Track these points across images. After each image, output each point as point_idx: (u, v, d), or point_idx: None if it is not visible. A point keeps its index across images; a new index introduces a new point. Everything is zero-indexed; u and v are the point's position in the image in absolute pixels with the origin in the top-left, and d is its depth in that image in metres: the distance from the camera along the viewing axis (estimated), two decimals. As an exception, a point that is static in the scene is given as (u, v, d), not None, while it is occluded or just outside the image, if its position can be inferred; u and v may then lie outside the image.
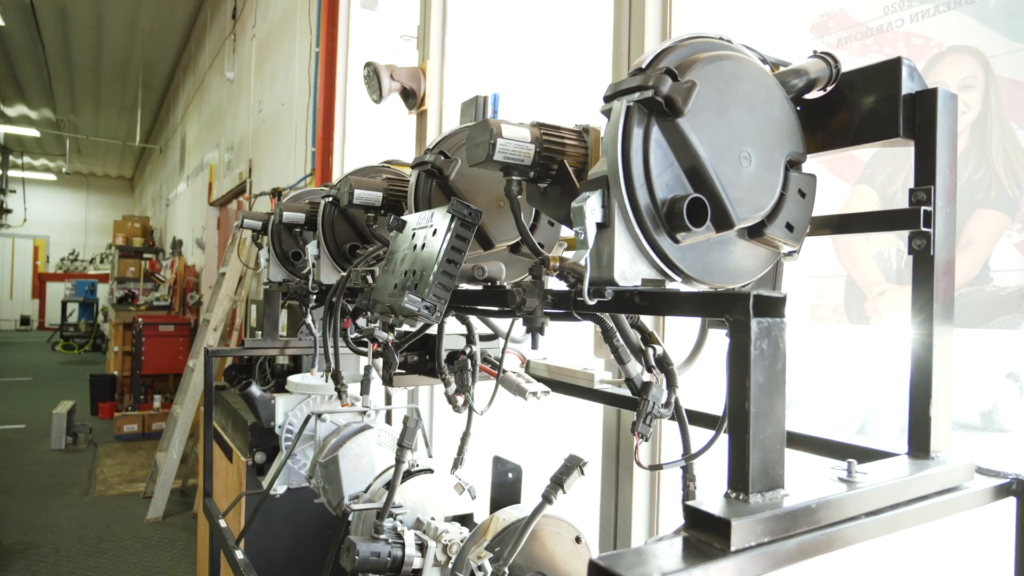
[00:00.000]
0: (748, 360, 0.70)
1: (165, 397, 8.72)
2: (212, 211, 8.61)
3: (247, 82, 6.61)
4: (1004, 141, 1.07)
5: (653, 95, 0.79)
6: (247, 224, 2.57)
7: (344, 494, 2.20)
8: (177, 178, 12.64)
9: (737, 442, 0.71)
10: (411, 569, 1.56)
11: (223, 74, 7.72)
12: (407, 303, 1.00)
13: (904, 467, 0.88)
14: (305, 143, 4.53)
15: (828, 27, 1.32)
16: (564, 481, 1.22)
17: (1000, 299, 1.07)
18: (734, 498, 0.71)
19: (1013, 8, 1.06)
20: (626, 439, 1.76)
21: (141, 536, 4.90)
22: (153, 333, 8.93)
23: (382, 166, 1.99)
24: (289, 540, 2.85)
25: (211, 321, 5.50)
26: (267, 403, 2.48)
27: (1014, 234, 1.06)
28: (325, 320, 1.78)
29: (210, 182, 8.63)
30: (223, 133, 7.94)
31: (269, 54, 5.79)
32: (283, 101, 5.23)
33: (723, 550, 0.65)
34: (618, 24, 1.84)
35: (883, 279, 1.23)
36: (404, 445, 1.60)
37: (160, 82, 13.60)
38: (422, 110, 2.95)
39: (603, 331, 0.99)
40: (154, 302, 11.17)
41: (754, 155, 0.88)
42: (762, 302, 0.71)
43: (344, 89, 4.18)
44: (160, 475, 5.31)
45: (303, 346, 2.75)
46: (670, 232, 0.83)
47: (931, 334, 0.91)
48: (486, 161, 0.98)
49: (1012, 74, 1.07)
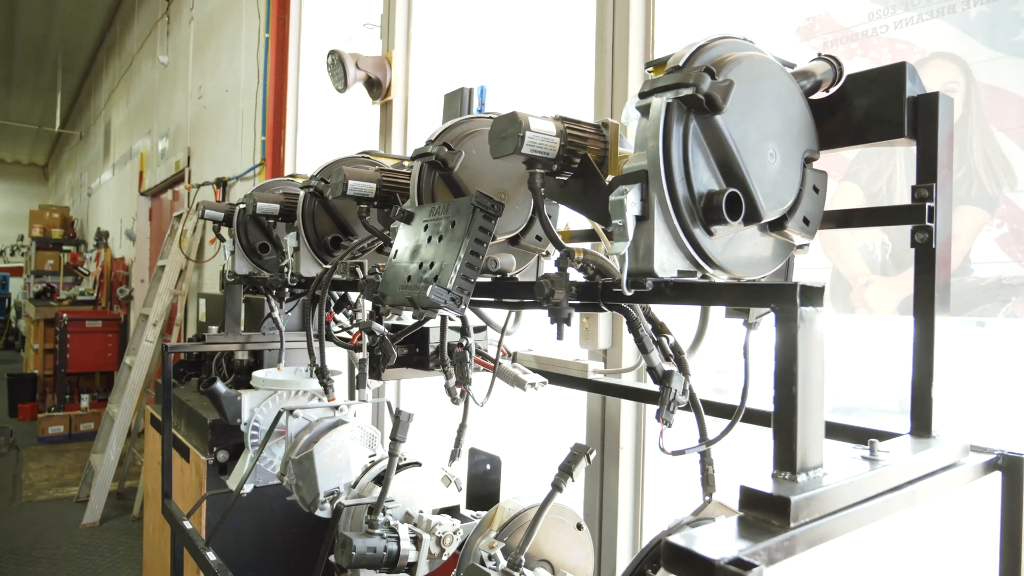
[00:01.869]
0: (795, 347, 0.74)
1: (94, 396, 8.28)
2: (143, 201, 8.20)
3: (184, 67, 6.32)
4: (984, 143, 1.15)
5: (695, 92, 0.82)
6: (208, 215, 2.47)
7: (319, 491, 2.16)
8: (101, 166, 11.96)
9: (785, 425, 0.75)
10: (406, 563, 1.56)
11: (155, 58, 7.35)
12: (432, 295, 1.00)
13: (913, 446, 0.94)
14: (254, 132, 4.38)
15: (814, 30, 1.39)
16: (573, 469, 1.24)
17: (980, 289, 1.15)
18: (784, 478, 0.74)
19: (992, 19, 1.14)
20: (611, 427, 1.80)
21: (78, 542, 4.65)
22: (79, 329, 8.45)
23: (361, 157, 1.96)
24: (252, 539, 2.77)
25: (150, 316, 5.26)
26: (233, 400, 2.41)
27: (993, 229, 1.15)
28: (308, 313, 1.74)
29: (141, 171, 8.21)
30: (156, 120, 7.57)
31: (210, 38, 5.55)
32: (227, 88, 5.03)
33: (782, 527, 0.68)
34: (601, 20, 1.87)
35: (868, 271, 1.31)
36: (397, 439, 1.59)
37: (81, 64, 12.81)
38: (387, 100, 2.91)
39: (628, 321, 1.01)
40: (78, 297, 10.56)
41: (778, 151, 0.92)
42: (807, 292, 0.75)
43: (296, 77, 4.06)
44: (96, 478, 5.05)
45: (268, 341, 2.67)
46: (705, 225, 0.86)
47: (932, 321, 0.98)
48: (513, 153, 0.98)
49: (992, 80, 1.15)
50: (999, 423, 1.23)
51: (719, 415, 1.21)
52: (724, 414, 1.21)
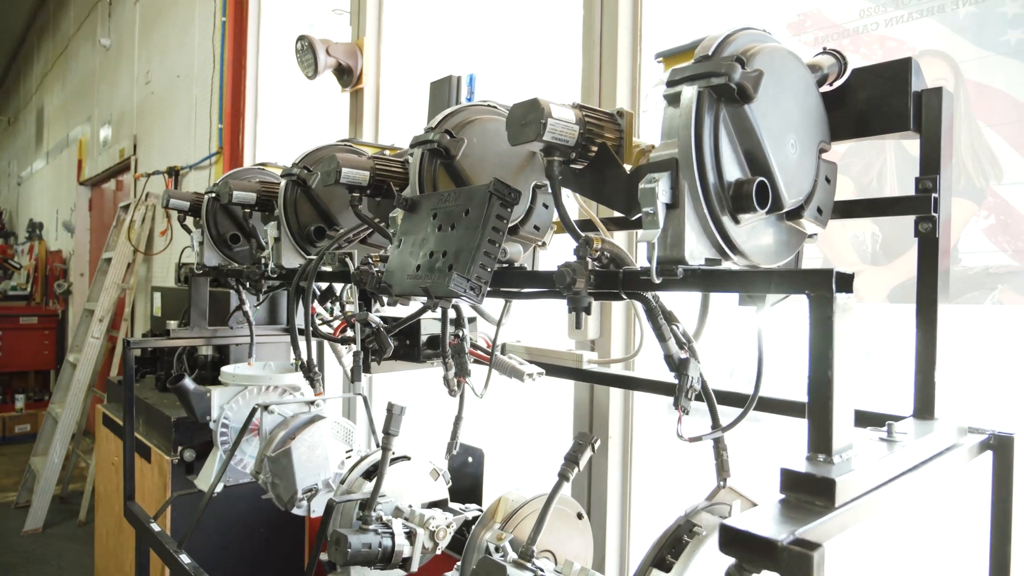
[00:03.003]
0: (831, 332, 0.76)
1: (29, 396, 7.86)
2: (83, 191, 7.81)
3: (129, 50, 6.04)
4: (972, 138, 1.21)
5: (727, 81, 0.82)
6: (173, 204, 2.37)
7: (297, 488, 2.10)
8: (33, 154, 11.32)
9: (821, 409, 0.77)
10: (401, 558, 1.53)
11: (95, 40, 7.00)
12: (453, 285, 0.98)
13: (920, 428, 0.98)
14: (209, 119, 4.22)
15: (805, 26, 1.43)
16: (579, 458, 1.24)
17: (967, 278, 1.21)
18: (821, 460, 0.76)
19: (980, 19, 1.20)
20: (600, 417, 1.82)
21: (20, 550, 4.41)
22: (12, 326, 8.00)
23: (343, 144, 1.91)
24: (221, 540, 2.69)
25: (96, 311, 5.02)
26: (202, 397, 2.33)
27: (981, 220, 1.20)
28: (292, 306, 1.69)
29: (80, 159, 7.82)
30: (97, 106, 7.21)
31: (159, 21, 5.32)
32: (179, 73, 4.83)
33: (826, 507, 0.70)
34: (589, 11, 1.87)
35: (858, 260, 1.35)
36: (390, 432, 1.56)
37: (8, 46, 12.08)
38: (358, 88, 2.85)
39: (648, 309, 1.02)
40: (9, 291, 9.99)
41: (798, 142, 0.94)
42: (842, 278, 0.77)
43: (256, 62, 3.94)
44: (39, 482, 4.81)
45: (237, 335, 2.58)
46: (733, 213, 0.87)
47: (935, 308, 1.02)
48: (534, 140, 0.97)
49: (979, 78, 1.20)
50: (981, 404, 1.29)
51: (723, 403, 1.23)
52: (727, 402, 1.23)
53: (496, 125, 1.38)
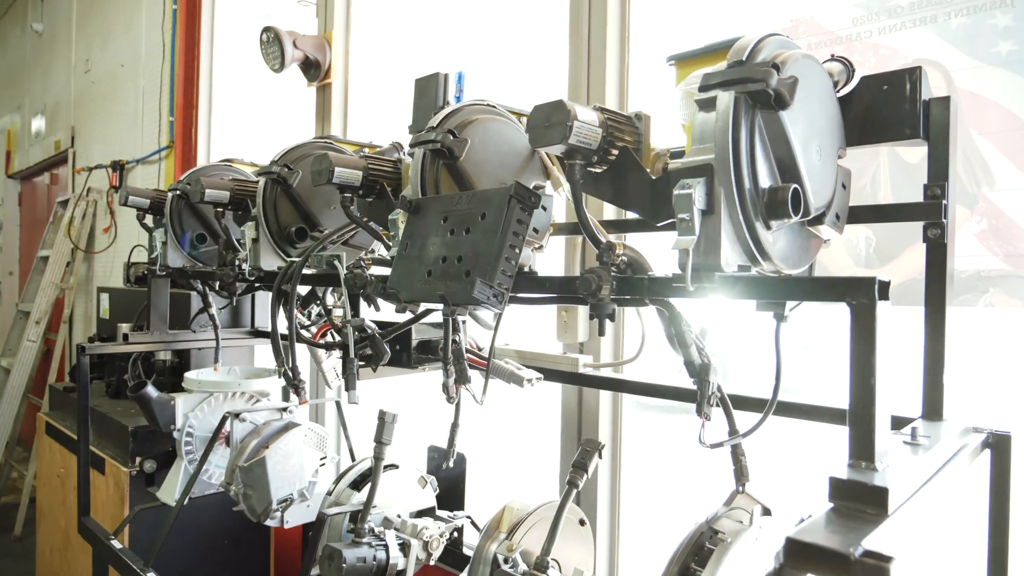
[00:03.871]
0: (874, 340, 0.76)
1: (-48, 405, 7.35)
2: (12, 184, 7.35)
3: (65, 37, 5.71)
4: (964, 145, 1.25)
5: (764, 87, 0.82)
6: (133, 201, 2.25)
7: (272, 498, 2.03)
8: (-47, 144, 10.60)
9: (864, 416, 0.77)
10: (395, 571, 1.49)
11: (26, 25, 6.60)
12: (477, 292, 0.95)
13: (933, 429, 1.00)
14: (159, 111, 4.03)
15: (798, 32, 1.45)
16: (588, 464, 1.23)
17: (960, 281, 1.25)
18: (864, 467, 0.76)
19: (972, 30, 1.24)
20: (589, 421, 1.81)
21: (-51, 570, 4.12)
22: (-68, 329, 7.46)
23: (323, 142, 1.84)
24: (184, 555, 2.56)
25: (32, 313, 4.73)
26: (166, 405, 2.21)
27: (973, 224, 1.24)
28: (275, 309, 1.62)
29: (8, 150, 7.36)
30: (28, 94, 6.80)
31: (99, 7, 5.04)
32: (123, 62, 4.59)
33: (879, 515, 0.70)
34: (576, 11, 1.85)
35: (852, 264, 1.38)
36: (383, 441, 1.52)
37: (-76, 27, 11.27)
38: (325, 83, 2.76)
39: (670, 316, 1.01)
40: (-73, 292, 9.31)
41: (822, 148, 0.95)
42: (883, 287, 0.77)
43: (210, 53, 3.77)
44: (-31, 496, 4.50)
45: (200, 339, 2.47)
46: (766, 219, 0.87)
47: (944, 311, 1.04)
48: (559, 143, 0.95)
49: (971, 87, 1.24)
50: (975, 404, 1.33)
51: (738, 407, 1.23)
52: (743, 407, 1.23)
53: (497, 125, 1.35)
